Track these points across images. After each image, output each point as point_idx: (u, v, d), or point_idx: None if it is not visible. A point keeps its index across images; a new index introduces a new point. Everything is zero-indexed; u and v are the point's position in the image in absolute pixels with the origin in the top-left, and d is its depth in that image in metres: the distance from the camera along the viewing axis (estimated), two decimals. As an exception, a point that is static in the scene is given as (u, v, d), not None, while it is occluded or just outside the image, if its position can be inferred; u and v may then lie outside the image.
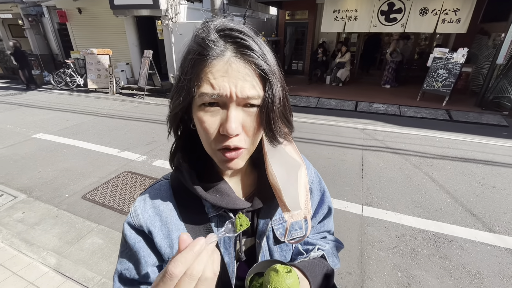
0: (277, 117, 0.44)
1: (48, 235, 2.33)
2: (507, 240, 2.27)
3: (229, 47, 0.40)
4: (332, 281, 0.58)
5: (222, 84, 0.39)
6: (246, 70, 0.40)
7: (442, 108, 6.07)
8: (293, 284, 0.42)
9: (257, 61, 0.40)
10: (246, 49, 0.40)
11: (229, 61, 0.40)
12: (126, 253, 0.52)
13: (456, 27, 6.35)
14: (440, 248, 2.20)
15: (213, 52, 0.40)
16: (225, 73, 0.39)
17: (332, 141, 4.36)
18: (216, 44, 0.40)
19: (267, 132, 0.46)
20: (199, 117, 0.43)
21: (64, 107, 6.38)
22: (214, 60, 0.40)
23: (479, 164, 3.62)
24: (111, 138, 4.50)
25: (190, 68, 0.41)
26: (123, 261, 0.52)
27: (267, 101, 0.42)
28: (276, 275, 0.43)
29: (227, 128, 0.40)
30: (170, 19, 7.41)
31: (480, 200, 2.83)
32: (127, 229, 0.52)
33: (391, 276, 1.96)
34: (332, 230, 0.71)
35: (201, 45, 0.40)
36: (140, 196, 0.55)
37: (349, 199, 2.83)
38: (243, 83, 0.40)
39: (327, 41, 9.22)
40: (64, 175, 3.30)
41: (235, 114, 0.41)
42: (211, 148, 0.45)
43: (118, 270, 0.52)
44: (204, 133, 0.43)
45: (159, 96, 7.68)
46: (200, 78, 0.40)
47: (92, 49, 7.83)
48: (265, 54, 0.41)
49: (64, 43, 10.34)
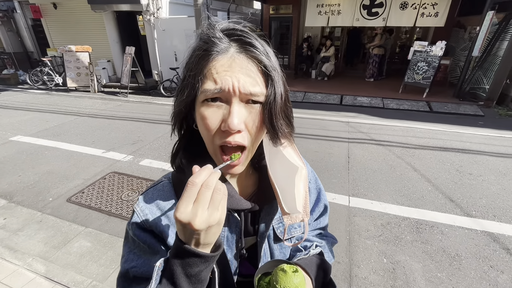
0: (279, 114, 0.45)
1: (32, 241, 2.26)
2: (483, 223, 2.42)
3: (233, 44, 0.42)
4: (329, 275, 0.61)
5: (225, 78, 0.40)
6: (249, 65, 0.41)
7: (422, 100, 6.29)
8: (300, 284, 0.44)
9: (260, 56, 0.41)
10: (249, 46, 0.41)
11: (233, 56, 0.41)
12: (134, 253, 0.51)
13: (435, 20, 6.57)
14: (422, 234, 2.32)
15: (218, 48, 0.41)
16: (229, 67, 0.40)
17: (319, 135, 4.44)
18: (221, 41, 0.41)
19: (269, 130, 0.46)
20: (201, 112, 0.43)
21: (43, 108, 6.11)
22: (219, 55, 0.41)
23: (457, 152, 3.80)
24: (95, 138, 4.38)
25: (195, 64, 0.42)
26: (129, 259, 0.51)
27: (270, 98, 0.43)
28: (284, 275, 0.44)
29: (229, 123, 0.40)
30: (151, 14, 7.21)
31: (458, 187, 2.99)
32: (135, 229, 0.51)
33: (377, 262, 2.05)
34: (326, 226, 0.74)
35: (207, 42, 0.42)
36: (143, 196, 0.54)
37: (336, 191, 2.91)
38: (245, 78, 0.40)
39: (311, 35, 9.28)
40: (47, 178, 3.19)
41: (238, 110, 0.41)
42: (213, 145, 0.45)
43: (125, 269, 0.50)
44: (206, 130, 0.43)
45: (143, 94, 7.50)
46: (203, 73, 0.41)
47: (70, 46, 7.50)
48: (267, 51, 0.43)
49: (40, 40, 9.85)
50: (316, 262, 0.59)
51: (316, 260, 0.59)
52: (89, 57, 7.66)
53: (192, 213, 0.35)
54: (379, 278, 1.92)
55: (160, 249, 0.49)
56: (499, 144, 4.07)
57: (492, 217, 2.49)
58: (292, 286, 0.43)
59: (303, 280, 0.44)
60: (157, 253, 0.49)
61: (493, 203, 2.70)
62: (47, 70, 7.99)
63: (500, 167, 3.39)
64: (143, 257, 0.50)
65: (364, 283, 1.88)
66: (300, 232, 0.61)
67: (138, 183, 3.07)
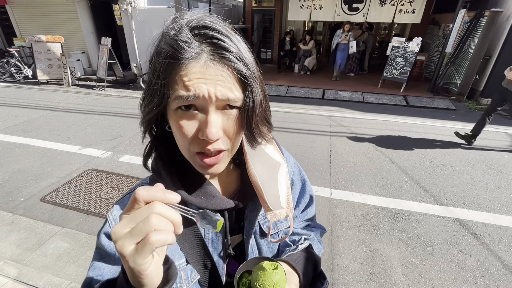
0: (258, 120, 0.43)
1: (3, 244, 2.13)
2: (454, 211, 2.58)
3: (204, 48, 0.37)
4: (319, 268, 0.62)
5: (198, 86, 0.37)
6: (224, 73, 0.37)
7: (400, 94, 6.53)
8: (280, 280, 0.44)
9: (236, 65, 0.38)
10: (224, 51, 0.37)
11: (206, 64, 0.37)
12: (104, 260, 0.48)
13: (411, 17, 6.80)
14: (398, 223, 2.44)
15: (188, 55, 0.36)
16: (202, 75, 0.37)
17: (301, 129, 4.50)
18: (190, 45, 0.36)
19: (246, 134, 0.45)
20: (176, 121, 0.40)
21: (11, 102, 5.71)
22: (190, 63, 0.37)
23: (431, 145, 4.00)
24: (70, 134, 4.16)
25: (162, 71, 0.38)
26: (97, 267, 0.47)
27: (248, 105, 0.40)
28: (263, 273, 0.44)
29: (208, 133, 0.38)
30: (128, 3, 6.88)
31: (432, 177, 3.16)
32: (104, 239, 0.48)
33: (357, 251, 2.13)
34: (314, 217, 0.74)
35: (173, 47, 0.36)
36: (118, 204, 0.51)
37: (319, 184, 2.98)
38: (222, 87, 0.37)
39: (294, 29, 9.30)
40: (17, 177, 3.00)
41: (215, 118, 0.39)
42: (189, 152, 0.43)
43: (89, 277, 0.47)
44: (182, 138, 0.41)
45: (121, 88, 7.20)
46: (174, 81, 0.37)
47: (40, 36, 7.00)
48: (243, 56, 0.39)
49: (5, 29, 9.11)
50: (304, 256, 0.59)
51: (304, 254, 0.59)
52: (61, 48, 7.20)
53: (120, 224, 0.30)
54: (359, 266, 2.00)
55: None
56: (468, 136, 4.33)
57: (461, 205, 2.67)
58: (271, 283, 0.42)
59: (283, 277, 0.44)
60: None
61: (462, 191, 2.89)
62: (14, 61, 7.43)
63: (469, 158, 3.62)
64: (111, 265, 0.47)
65: (345, 271, 1.96)
66: (286, 226, 0.61)
67: (118, 180, 2.97)
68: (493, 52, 5.80)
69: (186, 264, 0.51)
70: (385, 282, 1.88)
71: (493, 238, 2.26)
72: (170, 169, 0.49)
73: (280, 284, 0.43)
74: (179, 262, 0.50)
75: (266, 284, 0.42)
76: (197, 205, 0.49)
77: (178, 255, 0.50)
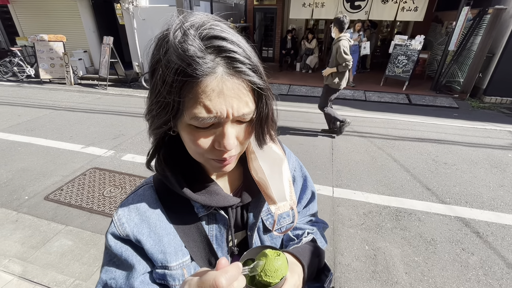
0: (269, 125, 0.46)
1: (8, 242, 2.15)
2: (456, 210, 2.58)
3: (219, 61, 0.36)
4: (323, 260, 0.62)
5: (220, 107, 0.36)
6: (240, 87, 0.37)
7: (402, 93, 6.50)
8: (282, 266, 0.44)
9: (253, 79, 0.38)
10: (239, 64, 0.36)
11: (223, 79, 0.36)
12: (113, 262, 0.50)
13: (414, 15, 6.76)
14: (401, 221, 2.44)
15: (202, 69, 0.34)
16: (220, 93, 0.36)
17: (303, 128, 4.50)
18: (204, 60, 0.34)
19: (257, 138, 0.47)
20: (190, 134, 0.41)
21: (14, 101, 5.74)
22: (205, 79, 0.35)
23: (433, 143, 3.99)
24: (73, 133, 4.18)
25: (176, 89, 0.36)
26: (109, 270, 0.49)
27: (262, 115, 0.42)
28: (265, 258, 0.45)
29: (226, 146, 0.40)
30: (130, 2, 6.88)
31: (434, 175, 3.15)
32: (111, 239, 0.49)
33: (360, 249, 2.13)
34: (316, 213, 0.75)
35: (186, 61, 0.34)
36: (122, 204, 0.52)
37: (321, 182, 2.98)
38: (238, 102, 0.38)
39: (296, 27, 9.26)
40: (21, 176, 3.03)
41: (231, 130, 0.40)
42: (203, 158, 0.44)
43: (103, 280, 0.49)
44: (195, 148, 0.42)
45: (123, 87, 7.22)
46: (189, 98, 0.36)
47: (43, 35, 7.03)
48: (257, 66, 0.39)
49: (7, 28, 9.15)
50: (309, 249, 0.59)
51: (308, 247, 0.60)
52: (63, 47, 7.23)
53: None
54: (361, 265, 2.00)
55: (135, 261, 0.48)
56: (471, 134, 4.31)
57: (464, 204, 2.66)
58: (272, 269, 0.43)
59: (285, 263, 0.45)
60: (131, 267, 0.48)
61: (465, 190, 2.88)
62: (17, 60, 7.47)
63: (472, 156, 3.60)
64: (122, 268, 0.49)
65: (347, 269, 1.96)
66: (289, 222, 0.61)
67: (121, 178, 2.99)
68: (497, 49, 5.75)
69: (191, 261, 0.51)
70: (387, 281, 1.88)
71: (496, 237, 2.25)
72: (175, 168, 0.50)
73: (281, 270, 0.44)
74: (183, 259, 0.50)
75: (268, 269, 0.43)
76: (202, 202, 0.50)
77: (182, 253, 0.50)
